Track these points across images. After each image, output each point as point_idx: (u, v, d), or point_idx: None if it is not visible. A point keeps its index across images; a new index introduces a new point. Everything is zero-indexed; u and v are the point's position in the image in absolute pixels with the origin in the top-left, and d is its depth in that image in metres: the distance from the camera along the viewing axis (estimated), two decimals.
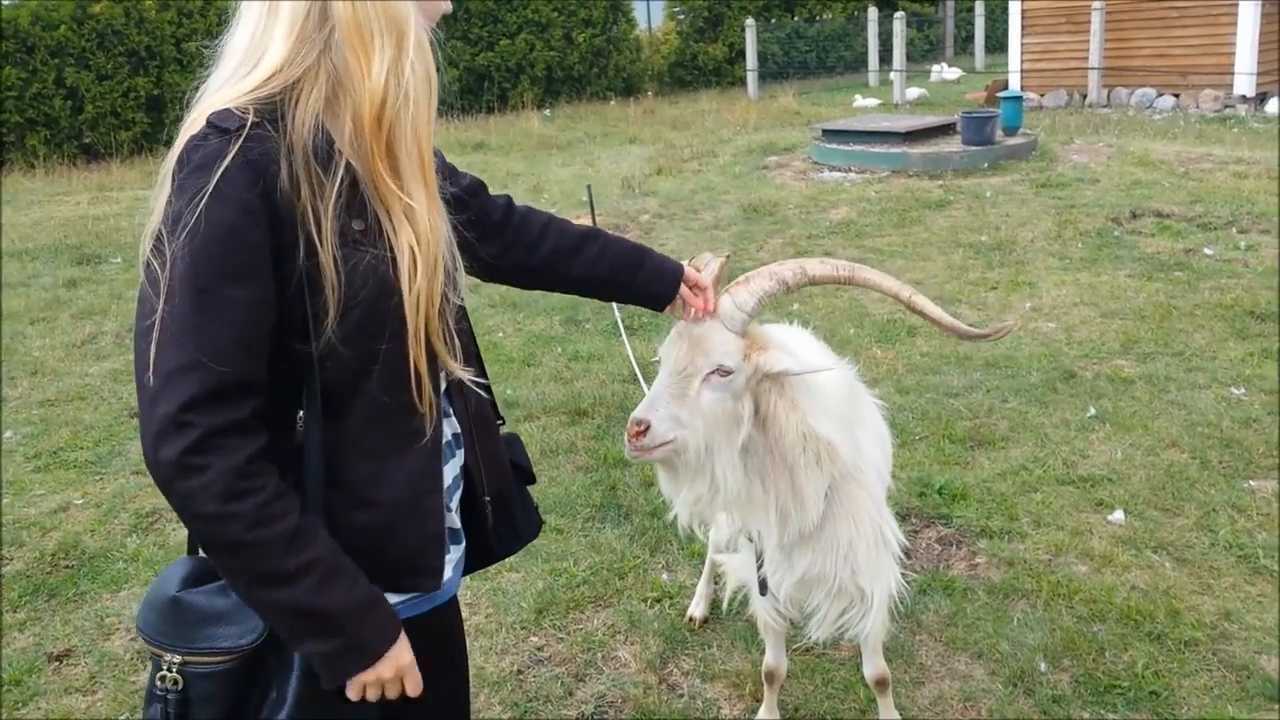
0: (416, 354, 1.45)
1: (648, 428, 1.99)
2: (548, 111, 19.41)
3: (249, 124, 1.35)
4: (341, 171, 1.40)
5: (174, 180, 1.36)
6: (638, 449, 2.01)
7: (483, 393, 1.72)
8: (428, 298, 1.44)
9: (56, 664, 3.35)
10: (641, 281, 1.97)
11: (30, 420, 5.46)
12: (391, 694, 1.49)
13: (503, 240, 1.84)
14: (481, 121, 18.32)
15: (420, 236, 1.43)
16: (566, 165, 13.06)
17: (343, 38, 1.38)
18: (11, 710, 3.14)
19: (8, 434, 5.29)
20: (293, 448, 1.45)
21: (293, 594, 1.36)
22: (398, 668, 1.48)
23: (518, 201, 1.95)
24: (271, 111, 1.38)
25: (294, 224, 1.36)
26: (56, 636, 3.49)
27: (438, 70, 1.48)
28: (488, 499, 1.72)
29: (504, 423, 1.87)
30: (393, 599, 1.54)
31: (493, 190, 1.92)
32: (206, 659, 1.45)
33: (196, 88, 1.46)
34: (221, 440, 1.32)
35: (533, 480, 1.94)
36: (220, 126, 1.35)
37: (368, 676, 1.45)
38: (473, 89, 20.10)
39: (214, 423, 1.31)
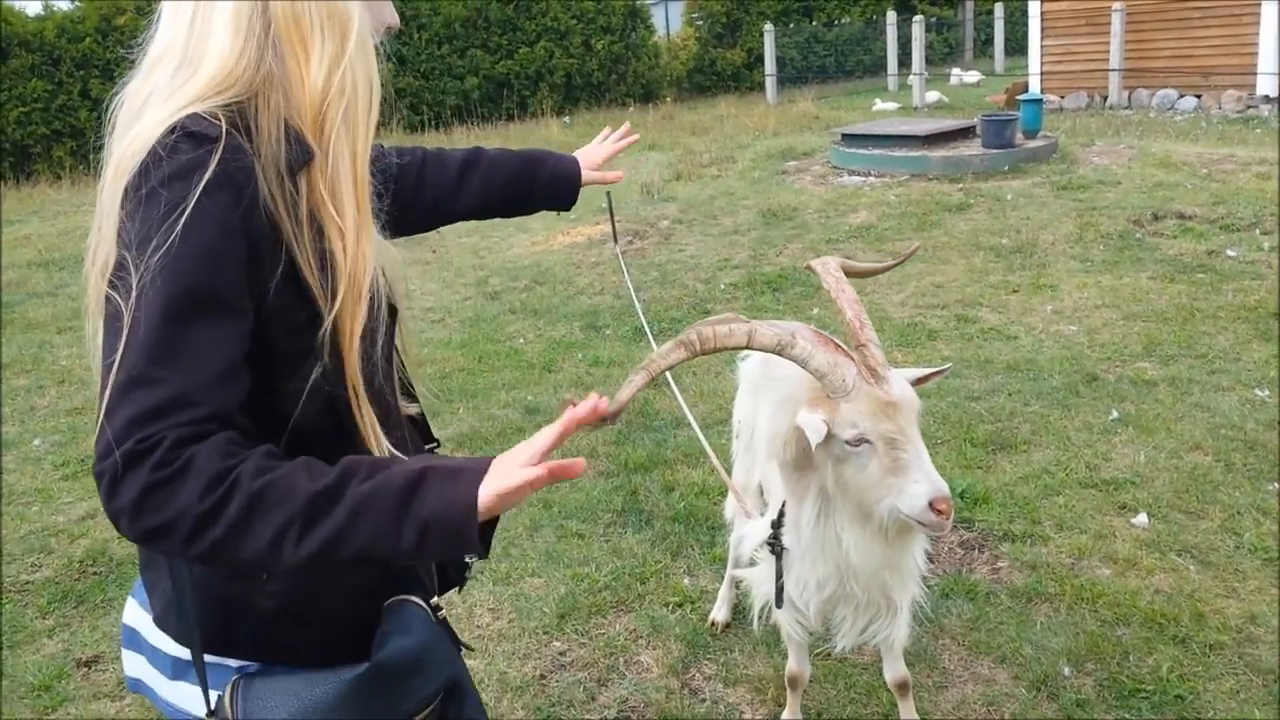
0: (354, 386, 1.29)
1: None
2: (567, 118, 19.48)
3: (224, 132, 1.19)
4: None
5: (133, 195, 1.17)
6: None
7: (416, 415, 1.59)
8: (350, 330, 1.27)
9: (85, 670, 3.39)
10: (540, 190, 1.92)
11: (58, 428, 5.52)
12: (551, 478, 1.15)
13: (396, 203, 1.59)
14: (501, 129, 18.41)
15: (346, 261, 1.26)
16: None
17: (279, 34, 1.24)
18: (41, 715, 3.18)
19: (36, 442, 5.35)
20: None
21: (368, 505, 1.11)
22: (520, 466, 1.14)
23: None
24: (236, 120, 1.23)
25: (272, 247, 1.21)
26: (85, 643, 3.53)
27: (381, 83, 1.34)
28: None
29: (438, 445, 1.70)
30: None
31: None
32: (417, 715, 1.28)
33: (114, 94, 1.29)
34: (190, 444, 1.09)
35: None
36: (196, 133, 1.18)
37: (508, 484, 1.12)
38: (492, 97, 20.19)
39: (181, 431, 1.09)
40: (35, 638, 3.59)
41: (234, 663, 1.35)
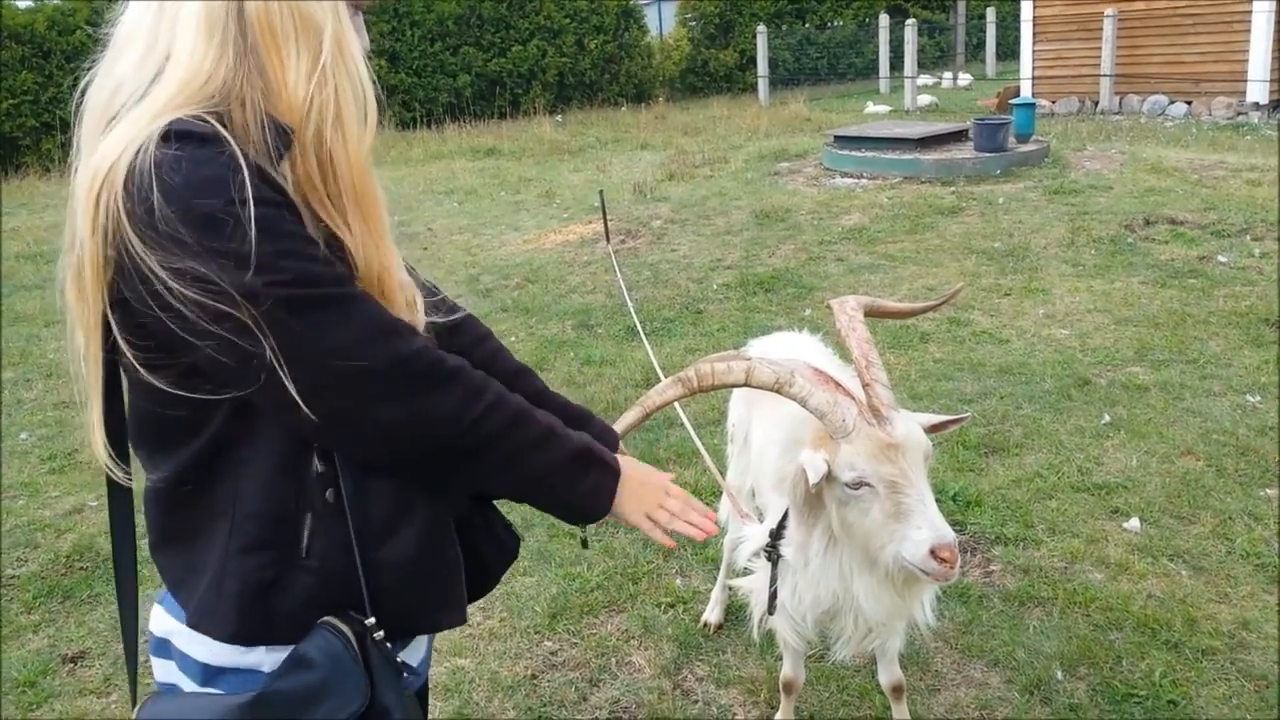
0: None
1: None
2: (559, 117, 19.45)
3: (217, 130, 1.18)
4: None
5: (162, 220, 1.14)
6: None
7: None
8: None
9: (71, 665, 3.36)
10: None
11: (45, 422, 5.48)
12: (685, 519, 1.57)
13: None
14: (494, 127, 18.37)
15: (359, 267, 1.29)
16: (578, 171, 13.07)
17: (256, 40, 1.23)
18: (26, 711, 3.14)
19: (23, 435, 5.31)
20: (307, 488, 1.32)
21: (561, 444, 1.45)
22: (659, 480, 1.57)
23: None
24: (224, 120, 1.22)
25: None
26: (71, 638, 3.50)
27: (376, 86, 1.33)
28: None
29: None
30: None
31: (505, 193, 1.82)
32: None
33: (83, 90, 1.30)
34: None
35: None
36: (195, 134, 1.17)
37: (646, 497, 1.55)
38: (485, 95, 20.17)
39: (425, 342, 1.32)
40: (20, 633, 3.56)
41: (267, 669, 1.33)
